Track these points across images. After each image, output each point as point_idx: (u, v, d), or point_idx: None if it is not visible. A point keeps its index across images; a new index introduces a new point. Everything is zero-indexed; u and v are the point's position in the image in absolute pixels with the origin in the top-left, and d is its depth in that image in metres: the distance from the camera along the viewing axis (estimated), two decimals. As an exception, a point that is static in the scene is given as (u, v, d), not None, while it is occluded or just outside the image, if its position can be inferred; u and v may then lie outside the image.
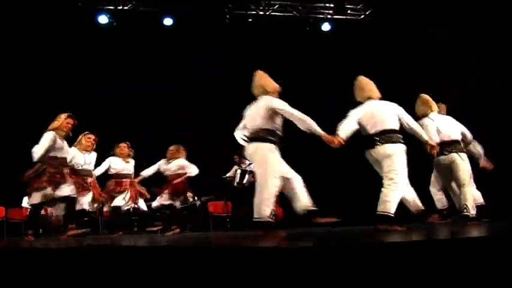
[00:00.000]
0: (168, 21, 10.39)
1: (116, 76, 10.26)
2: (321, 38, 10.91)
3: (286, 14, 10.69)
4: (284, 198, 7.64)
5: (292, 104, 5.15)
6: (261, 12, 10.59)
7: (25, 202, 9.39)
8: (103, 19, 10.17)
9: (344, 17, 10.86)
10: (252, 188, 9.08)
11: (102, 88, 10.29)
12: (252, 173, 8.88)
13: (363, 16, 10.87)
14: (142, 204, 9.89)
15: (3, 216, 9.41)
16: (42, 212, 9.05)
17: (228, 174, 9.32)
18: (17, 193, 9.04)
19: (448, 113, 6.54)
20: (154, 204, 8.50)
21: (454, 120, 6.32)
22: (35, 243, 4.78)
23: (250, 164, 8.79)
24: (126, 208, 9.34)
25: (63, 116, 6.42)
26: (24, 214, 9.32)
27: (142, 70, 10.41)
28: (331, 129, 5.07)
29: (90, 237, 6.97)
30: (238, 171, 8.76)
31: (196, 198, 10.02)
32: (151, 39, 10.47)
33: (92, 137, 7.35)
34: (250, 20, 10.67)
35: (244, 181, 8.91)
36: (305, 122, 4.79)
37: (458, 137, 6.19)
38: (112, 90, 10.31)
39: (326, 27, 10.85)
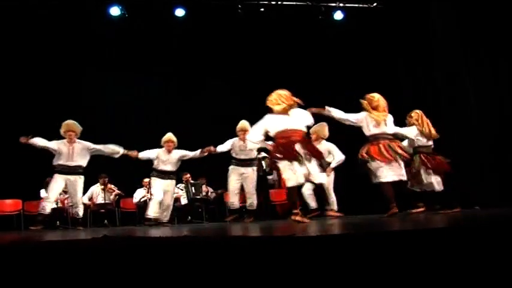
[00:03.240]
0: (180, 12, 10.35)
1: (128, 67, 10.30)
2: (333, 27, 10.80)
3: (298, 3, 10.58)
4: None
5: (306, 92, 5.18)
6: (273, 2, 10.51)
7: (43, 194, 9.49)
8: (115, 11, 10.15)
9: (356, 5, 10.73)
10: (264, 176, 9.13)
11: (115, 79, 10.34)
12: (268, 157, 8.89)
13: (375, 4, 10.73)
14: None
15: (20, 209, 9.50)
16: (60, 204, 9.21)
17: None
18: (33, 186, 9.13)
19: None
20: None
21: None
22: (52, 235, 4.80)
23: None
24: (143, 200, 9.44)
25: None
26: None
27: (155, 60, 10.43)
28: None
29: (107, 229, 7.04)
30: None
31: (211, 190, 10.09)
32: (164, 30, 10.45)
33: None
34: (262, 9, 10.58)
35: (264, 167, 8.91)
36: None
37: None
38: (125, 80, 10.35)
39: (339, 15, 10.73)
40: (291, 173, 5.29)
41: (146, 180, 9.79)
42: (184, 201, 9.82)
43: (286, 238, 2.53)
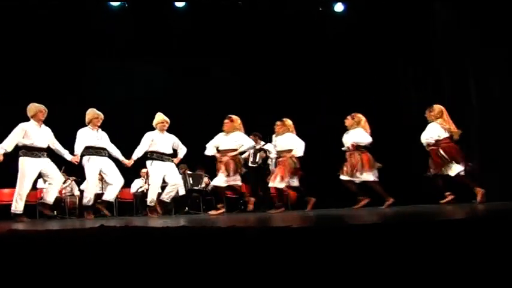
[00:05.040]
0: (180, 3, 10.31)
1: (128, 58, 10.27)
2: (334, 19, 10.74)
3: (298, -5, 10.52)
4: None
5: (305, 85, 5.16)
6: (274, -7, 10.44)
7: (40, 183, 9.47)
8: (115, 1, 10.11)
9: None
10: (264, 167, 9.13)
11: (114, 70, 10.30)
12: (263, 150, 8.91)
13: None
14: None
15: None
16: (57, 194, 9.21)
17: (244, 155, 9.32)
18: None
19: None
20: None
21: None
22: (49, 225, 4.80)
23: (265, 144, 8.83)
24: (140, 190, 9.43)
25: None
26: (39, 196, 9.41)
27: (155, 52, 10.39)
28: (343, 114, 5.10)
29: (105, 219, 7.05)
30: (251, 150, 8.73)
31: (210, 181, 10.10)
32: (164, 21, 10.41)
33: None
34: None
35: (257, 159, 8.94)
36: None
37: None
38: (124, 73, 10.31)
39: (339, 7, 10.65)
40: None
41: (144, 170, 9.77)
42: (181, 191, 9.81)
43: (283, 229, 2.53)
